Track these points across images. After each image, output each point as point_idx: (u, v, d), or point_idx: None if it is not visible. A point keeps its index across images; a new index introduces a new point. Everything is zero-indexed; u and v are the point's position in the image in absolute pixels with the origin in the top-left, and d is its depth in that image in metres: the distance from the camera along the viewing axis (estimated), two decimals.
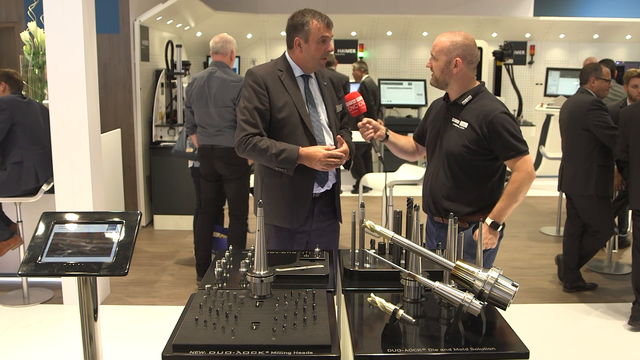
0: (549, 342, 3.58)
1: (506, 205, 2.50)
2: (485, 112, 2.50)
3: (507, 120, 2.49)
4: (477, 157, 2.53)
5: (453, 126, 2.58)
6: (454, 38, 2.53)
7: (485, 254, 2.63)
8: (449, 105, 2.65)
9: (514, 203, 2.50)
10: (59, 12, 3.74)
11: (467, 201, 2.57)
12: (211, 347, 1.53)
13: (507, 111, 2.54)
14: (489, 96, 2.61)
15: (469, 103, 2.57)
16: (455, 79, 2.56)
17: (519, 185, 2.49)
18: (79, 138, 3.86)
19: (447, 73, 2.55)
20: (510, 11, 9.17)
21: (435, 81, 2.62)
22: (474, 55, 2.56)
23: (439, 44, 2.55)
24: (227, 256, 2.16)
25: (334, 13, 2.81)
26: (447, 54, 2.52)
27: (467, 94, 2.58)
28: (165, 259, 5.03)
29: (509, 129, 2.47)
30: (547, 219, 6.43)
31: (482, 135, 2.50)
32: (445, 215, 2.60)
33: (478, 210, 2.57)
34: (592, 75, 4.33)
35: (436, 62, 2.56)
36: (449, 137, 2.59)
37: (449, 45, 2.52)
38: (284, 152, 2.55)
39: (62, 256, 1.95)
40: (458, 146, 2.54)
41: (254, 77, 2.64)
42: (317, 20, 2.60)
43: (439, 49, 2.54)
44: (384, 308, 1.63)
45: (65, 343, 3.48)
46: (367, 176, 5.42)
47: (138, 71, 5.74)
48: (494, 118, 2.48)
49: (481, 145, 2.51)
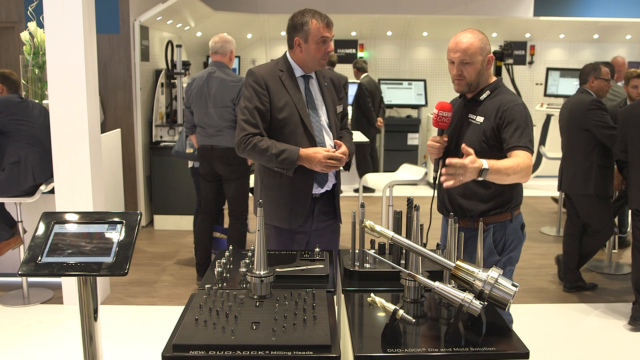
0: (549, 342, 3.58)
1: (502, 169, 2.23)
2: (502, 103, 2.42)
3: (523, 113, 2.39)
4: (494, 152, 2.41)
5: (470, 122, 2.50)
6: (478, 35, 2.43)
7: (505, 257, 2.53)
8: (466, 102, 2.56)
9: (505, 176, 2.25)
10: (59, 12, 3.74)
11: (483, 198, 2.47)
12: (211, 347, 1.53)
13: (525, 106, 2.46)
14: (507, 90, 2.52)
15: (487, 98, 2.48)
16: (483, 77, 2.47)
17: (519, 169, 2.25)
18: (79, 138, 3.86)
19: (482, 73, 2.45)
20: (510, 11, 9.17)
21: (468, 86, 2.48)
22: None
23: (470, 46, 2.40)
24: (227, 256, 2.16)
25: (334, 13, 2.81)
26: (481, 53, 2.42)
27: (485, 89, 2.50)
28: (165, 259, 5.03)
29: (520, 121, 2.37)
30: (547, 219, 6.43)
31: (495, 126, 2.40)
32: (462, 215, 2.52)
33: (493, 208, 2.47)
34: (591, 75, 4.33)
35: (472, 65, 2.42)
36: (466, 134, 2.50)
37: (479, 44, 2.41)
38: (284, 152, 2.55)
39: (62, 256, 1.95)
40: (474, 142, 2.43)
41: (254, 77, 2.63)
42: (316, 20, 2.59)
43: (472, 51, 2.40)
44: (384, 308, 1.63)
45: (65, 343, 3.48)
46: (367, 176, 5.42)
47: (138, 71, 5.74)
48: (510, 107, 2.39)
49: (496, 139, 2.42)
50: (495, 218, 2.49)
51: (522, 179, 2.31)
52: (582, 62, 7.60)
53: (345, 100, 2.88)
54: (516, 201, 2.54)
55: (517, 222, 2.57)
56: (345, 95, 2.89)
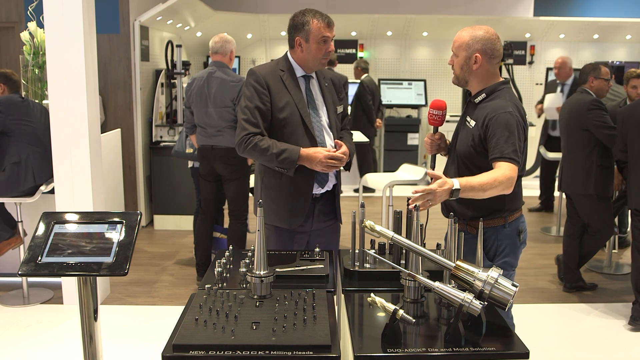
0: (549, 342, 3.58)
1: (476, 186, 2.19)
2: (490, 110, 2.36)
3: (508, 121, 2.30)
4: (482, 157, 2.38)
5: (466, 125, 2.47)
6: (474, 32, 2.40)
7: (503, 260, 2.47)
8: (468, 103, 2.54)
9: (481, 192, 2.21)
10: (59, 12, 3.74)
11: (475, 204, 2.40)
12: (211, 347, 1.53)
13: (515, 113, 2.35)
14: (504, 95, 2.42)
15: (482, 101, 2.44)
16: (475, 76, 2.43)
17: (496, 184, 2.20)
18: (79, 138, 3.86)
19: (467, 70, 2.42)
20: (510, 11, 9.17)
21: (456, 79, 2.48)
22: (496, 49, 2.40)
23: (458, 39, 2.42)
24: (227, 256, 2.16)
25: (334, 13, 2.81)
26: (466, 49, 2.40)
27: (482, 91, 2.44)
28: (165, 259, 5.03)
29: (504, 130, 2.28)
30: (547, 219, 6.43)
31: (482, 133, 2.36)
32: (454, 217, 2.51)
33: (488, 213, 2.42)
34: (591, 75, 4.33)
35: (457, 58, 2.43)
36: (461, 137, 2.48)
37: (468, 40, 2.39)
38: (285, 152, 2.55)
39: (62, 256, 1.95)
40: (466, 146, 2.42)
41: (255, 76, 2.64)
42: (317, 20, 2.60)
43: (458, 44, 2.42)
44: (384, 308, 1.63)
45: (65, 343, 3.48)
46: (367, 176, 5.42)
47: (138, 71, 5.74)
48: (495, 115, 2.33)
49: (483, 146, 2.37)
50: (487, 223, 2.42)
51: (502, 191, 2.25)
52: (582, 62, 7.61)
53: (345, 101, 2.88)
54: (510, 207, 2.45)
55: (512, 228, 2.48)
56: (345, 95, 2.89)
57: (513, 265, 2.52)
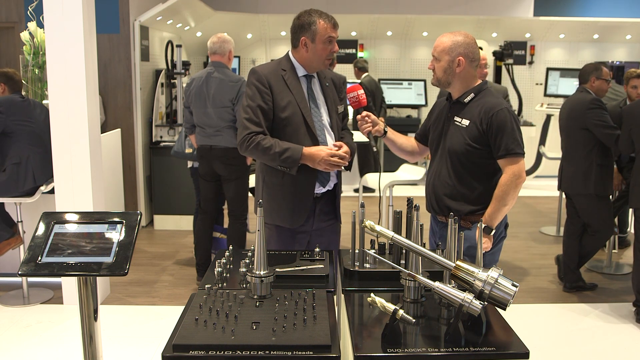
0: (549, 342, 3.58)
1: (495, 210, 2.49)
2: (487, 108, 2.50)
3: (508, 117, 2.48)
4: (479, 154, 2.53)
5: (455, 124, 2.58)
6: (455, 37, 2.53)
7: (487, 255, 2.62)
8: (452, 104, 2.65)
9: (503, 207, 2.48)
10: (59, 12, 3.74)
11: (469, 199, 2.57)
12: (211, 347, 1.53)
13: (510, 109, 2.53)
14: (492, 93, 2.61)
15: (472, 101, 2.57)
16: (458, 78, 2.56)
17: (505, 189, 2.47)
18: (79, 138, 3.86)
19: (450, 73, 2.55)
20: (510, 11, 9.17)
21: (438, 81, 2.61)
22: (476, 53, 2.56)
23: (440, 44, 2.55)
24: (227, 256, 2.16)
25: (334, 13, 2.82)
26: (449, 53, 2.53)
27: (470, 92, 2.58)
28: (165, 259, 5.03)
29: (507, 127, 2.47)
30: (547, 219, 6.43)
31: (482, 131, 2.50)
32: (448, 214, 2.59)
33: (480, 209, 2.56)
34: (592, 75, 4.33)
35: (438, 62, 2.56)
36: (452, 136, 2.59)
37: (450, 45, 2.52)
38: (288, 151, 2.56)
39: (62, 256, 1.95)
40: (460, 144, 2.54)
41: (257, 75, 2.64)
42: (324, 21, 2.63)
43: (440, 49, 2.55)
44: (384, 308, 1.63)
45: (65, 343, 3.48)
46: (367, 176, 5.41)
47: (138, 71, 5.74)
48: (494, 114, 2.47)
49: (482, 142, 2.51)
50: (479, 217, 2.55)
51: (516, 189, 2.48)
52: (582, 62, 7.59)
53: (345, 100, 2.89)
54: None
55: (501, 222, 2.64)
56: (345, 94, 2.90)
57: (498, 255, 2.71)
